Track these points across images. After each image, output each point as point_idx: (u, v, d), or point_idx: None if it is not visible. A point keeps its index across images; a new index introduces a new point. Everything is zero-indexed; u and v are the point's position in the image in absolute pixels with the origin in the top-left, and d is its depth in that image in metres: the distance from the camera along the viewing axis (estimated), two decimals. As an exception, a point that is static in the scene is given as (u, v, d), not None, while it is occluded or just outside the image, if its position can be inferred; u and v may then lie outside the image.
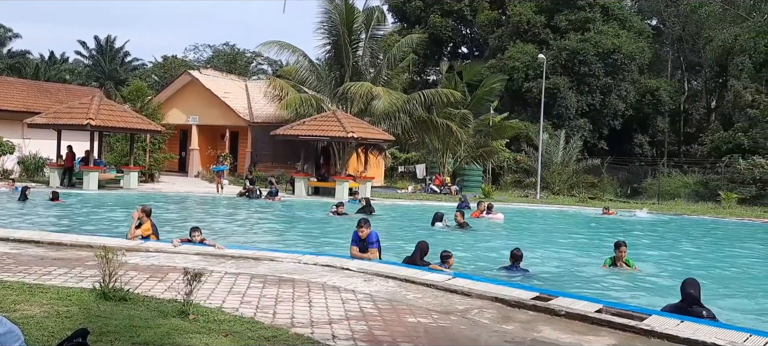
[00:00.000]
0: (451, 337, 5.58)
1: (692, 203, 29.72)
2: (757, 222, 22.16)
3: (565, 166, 36.34)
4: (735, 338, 5.65)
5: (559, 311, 6.52)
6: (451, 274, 8.39)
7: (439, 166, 33.54)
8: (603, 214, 22.62)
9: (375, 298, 6.89)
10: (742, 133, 36.19)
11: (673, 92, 45.31)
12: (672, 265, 11.85)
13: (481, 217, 18.53)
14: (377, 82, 31.17)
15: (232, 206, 20.70)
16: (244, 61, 62.85)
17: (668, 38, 48.22)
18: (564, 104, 39.88)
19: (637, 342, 5.69)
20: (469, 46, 56.00)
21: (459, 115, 32.61)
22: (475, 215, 18.54)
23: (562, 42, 41.85)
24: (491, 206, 19.58)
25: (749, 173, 31.38)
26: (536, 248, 13.06)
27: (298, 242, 13.44)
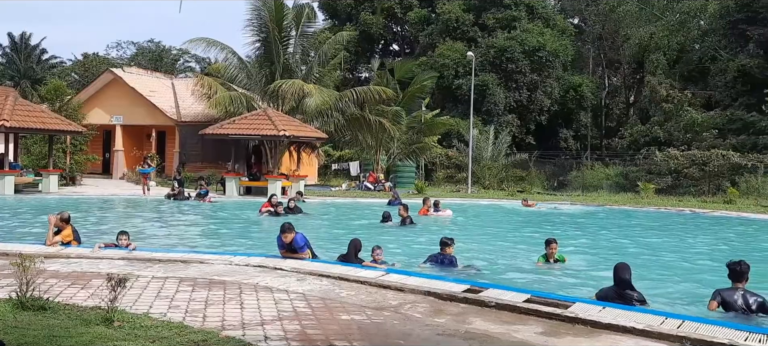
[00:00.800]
0: (385, 333, 5.63)
1: (614, 194, 31.08)
2: (673, 211, 23.41)
3: (495, 160, 37.22)
4: (652, 321, 5.95)
5: (489, 303, 6.68)
6: (385, 270, 8.46)
7: (373, 164, 33.68)
8: (523, 206, 23.30)
9: (308, 297, 6.86)
10: (658, 127, 38.12)
11: (595, 88, 47.24)
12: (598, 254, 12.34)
13: (428, 214, 18.56)
14: (309, 80, 30.96)
15: (159, 208, 20.08)
16: (171, 58, 61.07)
17: (589, 36, 50.20)
18: (493, 100, 40.84)
19: (562, 329, 5.90)
20: (400, 43, 56.46)
21: (391, 112, 32.84)
22: (422, 213, 18.53)
23: (490, 40, 42.85)
24: (438, 202, 19.61)
25: (665, 164, 33.10)
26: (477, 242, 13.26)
27: (229, 243, 13.19)
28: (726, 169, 31.13)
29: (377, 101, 31.55)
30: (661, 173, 33.07)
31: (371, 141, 32.79)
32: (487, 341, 5.45)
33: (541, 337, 5.63)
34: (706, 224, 19.97)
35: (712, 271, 10.55)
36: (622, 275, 7.37)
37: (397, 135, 32.88)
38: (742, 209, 23.58)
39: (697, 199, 28.41)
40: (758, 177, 29.46)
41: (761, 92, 33.77)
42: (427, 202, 19.47)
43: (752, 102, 35.68)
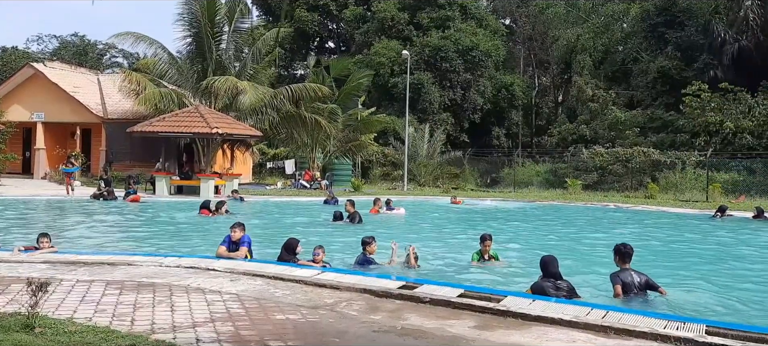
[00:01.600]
0: (320, 331, 5.61)
1: (544, 190, 32.08)
2: (598, 206, 24.37)
3: (430, 158, 37.74)
4: (578, 312, 6.18)
5: (424, 299, 6.77)
6: (320, 269, 8.42)
7: (309, 162, 33.48)
8: (451, 203, 23.66)
9: (242, 297, 6.75)
10: (584, 125, 39.62)
11: (526, 88, 48.61)
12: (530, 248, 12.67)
13: (380, 213, 18.50)
14: (242, 77, 30.41)
15: (85, 209, 19.25)
16: (96, 53, 58.64)
17: (520, 37, 51.63)
18: (428, 99, 41.34)
19: (495, 322, 6.04)
20: (335, 41, 56.32)
21: (327, 109, 32.73)
22: (373, 212, 18.45)
23: (425, 39, 43.36)
24: (389, 200, 19.58)
25: (591, 161, 34.43)
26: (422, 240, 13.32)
27: (160, 244, 12.80)
28: (647, 165, 32.68)
29: (313, 99, 31.35)
30: (587, 169, 34.38)
31: (307, 139, 32.57)
32: (421, 337, 5.52)
33: (474, 331, 5.74)
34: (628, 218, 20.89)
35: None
36: (551, 268, 7.63)
37: (333, 133, 32.78)
38: (662, 204, 24.80)
39: (620, 194, 29.69)
40: (676, 173, 31.07)
41: (679, 92, 35.63)
42: (377, 202, 19.31)
43: (671, 102, 37.60)
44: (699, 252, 13.06)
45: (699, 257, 12.34)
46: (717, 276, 10.17)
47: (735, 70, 36.10)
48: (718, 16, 36.63)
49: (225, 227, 11.12)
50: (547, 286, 7.45)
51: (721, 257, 12.40)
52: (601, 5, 49.43)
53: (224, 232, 10.00)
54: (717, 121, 33.15)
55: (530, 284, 7.69)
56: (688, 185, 29.71)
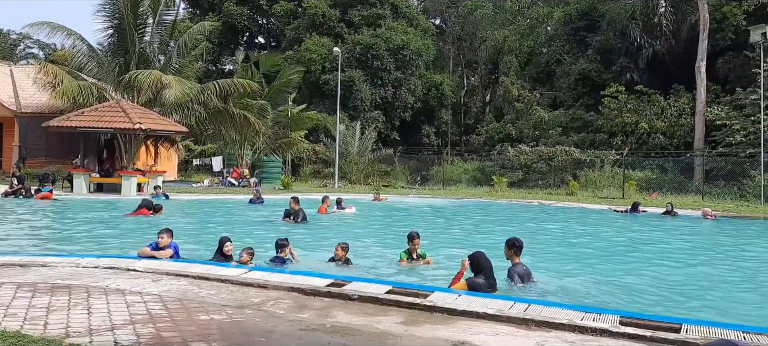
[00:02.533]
0: (246, 331, 5.52)
1: (472, 188, 32.80)
2: (523, 202, 25.15)
3: (361, 156, 37.82)
4: (502, 306, 6.36)
5: (353, 296, 6.78)
6: (248, 268, 8.29)
7: (238, 159, 32.85)
8: (374, 200, 23.77)
9: (164, 298, 6.55)
10: (510, 124, 40.75)
11: (455, 87, 49.49)
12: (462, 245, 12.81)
13: (328, 212, 18.27)
14: (167, 71, 29.47)
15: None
16: (9, 43, 55.45)
17: (450, 37, 52.51)
18: (359, 97, 41.41)
19: (422, 318, 6.13)
20: (266, 36, 55.51)
21: (257, 106, 32.23)
22: (322, 211, 18.18)
23: (356, 37, 43.39)
24: (340, 199, 19.35)
25: (517, 159, 35.48)
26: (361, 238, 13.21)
27: (77, 244, 12.24)
28: (568, 164, 33.99)
29: (242, 94, 30.78)
30: (513, 167, 35.39)
31: (235, 135, 31.94)
32: (349, 334, 5.53)
33: (402, 326, 5.81)
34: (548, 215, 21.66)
35: (555, 258, 11.49)
36: (483, 263, 7.85)
37: (262, 129, 32.30)
38: (582, 200, 25.85)
39: (544, 191, 30.74)
40: (595, 171, 32.47)
41: (598, 94, 37.22)
42: (326, 200, 18.98)
43: (591, 103, 39.21)
44: (612, 245, 13.70)
45: (611, 251, 12.94)
46: (629, 268, 10.70)
47: (649, 73, 38.05)
48: (635, 21, 38.46)
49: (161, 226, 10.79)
50: (479, 283, 7.63)
51: (633, 250, 13.04)
52: (527, 8, 50.97)
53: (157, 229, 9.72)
54: (633, 122, 34.85)
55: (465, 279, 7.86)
56: (606, 182, 31.10)
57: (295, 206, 15.51)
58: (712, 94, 33.48)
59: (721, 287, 9.21)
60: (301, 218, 15.45)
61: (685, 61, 35.48)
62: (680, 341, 5.40)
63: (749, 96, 30.05)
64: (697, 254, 12.64)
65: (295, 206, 15.55)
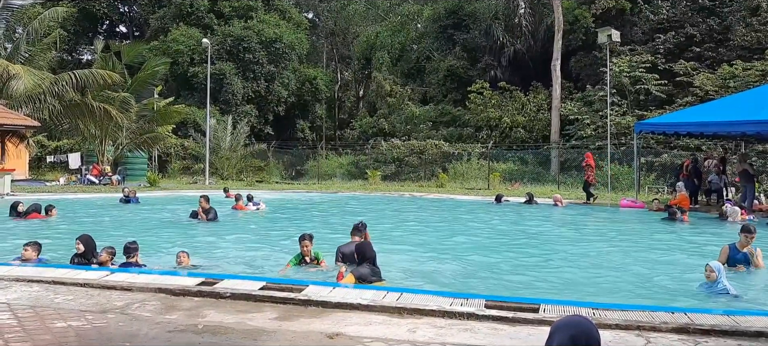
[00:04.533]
0: (107, 336, 5.22)
1: (347, 182, 33.10)
2: (396, 195, 25.78)
3: (234, 151, 36.86)
4: (375, 296, 6.50)
5: (225, 294, 6.62)
6: (110, 270, 7.82)
7: (98, 155, 30.74)
8: (226, 197, 22.61)
9: (14, 306, 6.02)
10: (383, 119, 41.58)
11: (329, 81, 49.62)
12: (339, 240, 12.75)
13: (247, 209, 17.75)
14: (15, 60, 26.93)
15: None
16: None
17: (323, 31, 52.54)
18: (231, 90, 40.29)
19: (296, 312, 6.12)
20: (128, 25, 52.40)
21: (119, 98, 30.33)
22: (239, 208, 17.66)
23: (227, 28, 42.15)
24: (251, 196, 18.78)
25: (390, 153, 36.30)
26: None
27: None
28: (438, 157, 35.32)
29: (102, 86, 28.79)
30: (386, 161, 36.18)
31: (95, 130, 29.88)
32: (220, 333, 5.40)
33: (275, 322, 5.76)
34: (428, 206, 22.41)
35: (433, 247, 11.92)
36: (369, 254, 7.98)
37: (125, 124, 30.43)
38: (451, 192, 26.98)
39: (415, 184, 31.72)
40: (463, 164, 34.00)
41: (465, 90, 38.97)
42: (240, 198, 18.31)
43: (458, 98, 40.96)
44: (482, 233, 14.45)
45: (481, 238, 13.65)
46: (497, 254, 11.36)
47: (511, 70, 40.42)
48: (498, 21, 40.63)
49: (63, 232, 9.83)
50: (365, 273, 7.74)
51: (498, 237, 13.85)
52: (398, 5, 52.17)
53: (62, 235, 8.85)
54: (496, 117, 36.87)
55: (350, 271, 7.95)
56: (473, 173, 32.67)
57: (206, 205, 14.85)
58: (566, 91, 36.21)
59: (576, 268, 10.03)
60: (211, 216, 14.82)
61: (542, 59, 38.08)
62: (538, 319, 5.83)
63: (598, 93, 32.89)
64: (554, 239, 13.66)
65: (205, 204, 14.88)
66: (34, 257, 8.51)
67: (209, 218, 14.81)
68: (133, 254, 8.70)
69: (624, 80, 31.92)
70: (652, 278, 9.19)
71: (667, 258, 10.94)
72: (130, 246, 8.74)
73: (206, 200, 15.19)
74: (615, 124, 30.42)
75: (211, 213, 14.92)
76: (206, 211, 14.88)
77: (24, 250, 8.55)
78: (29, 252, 8.50)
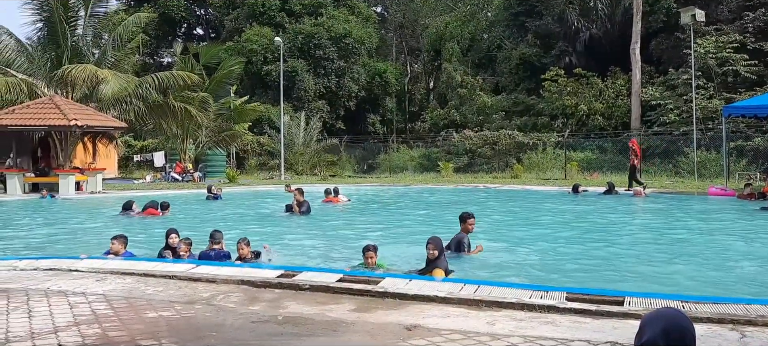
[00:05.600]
0: (195, 326, 5.42)
1: (418, 174, 33.06)
2: (469, 187, 25.53)
3: (307, 146, 37.55)
4: (452, 288, 6.46)
5: (304, 285, 6.75)
6: (195, 262, 8.14)
7: (180, 153, 32.07)
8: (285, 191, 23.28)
9: (109, 298, 6.36)
10: (455, 110, 41.22)
11: (399, 75, 49.65)
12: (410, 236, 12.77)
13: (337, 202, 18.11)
14: (103, 65, 28.42)
15: None
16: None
17: (392, 25, 52.58)
18: (303, 87, 41.04)
19: (374, 304, 6.16)
20: (204, 27, 54.27)
21: (198, 98, 31.50)
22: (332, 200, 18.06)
23: (298, 26, 42.91)
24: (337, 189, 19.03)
25: (462, 144, 35.98)
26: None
27: (16, 247, 11.70)
28: (512, 147, 34.70)
29: (182, 87, 30.01)
30: (458, 152, 35.88)
31: (177, 129, 31.17)
32: (301, 324, 5.51)
33: (354, 313, 5.82)
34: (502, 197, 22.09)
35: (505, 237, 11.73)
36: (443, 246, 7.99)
37: (204, 122, 31.62)
38: (526, 183, 26.46)
39: (489, 175, 31.30)
40: (538, 154, 33.26)
41: (539, 78, 38.03)
42: (330, 192, 18.57)
43: (532, 86, 40.03)
44: (559, 224, 14.09)
45: (559, 229, 13.30)
46: (576, 246, 11.04)
47: (587, 56, 39.10)
48: (572, 5, 39.36)
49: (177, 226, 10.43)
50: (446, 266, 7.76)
51: (577, 228, 13.45)
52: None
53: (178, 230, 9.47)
54: (572, 104, 35.80)
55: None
56: (548, 164, 31.90)
57: (300, 197, 14.96)
58: (646, 76, 34.71)
59: (662, 259, 9.61)
60: (304, 210, 14.89)
61: (620, 43, 36.63)
62: (623, 312, 5.61)
63: (681, 76, 31.34)
64: (637, 230, 13.14)
65: (300, 196, 14.98)
66: (122, 250, 8.97)
67: (302, 211, 14.87)
68: (219, 241, 9.07)
69: (710, 62, 30.26)
70: (746, 269, 8.68)
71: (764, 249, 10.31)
72: (215, 233, 9.15)
73: (300, 193, 15.27)
74: (701, 108, 28.95)
75: (304, 206, 14.97)
76: (300, 203, 14.94)
77: (112, 243, 9.02)
78: (117, 245, 8.96)
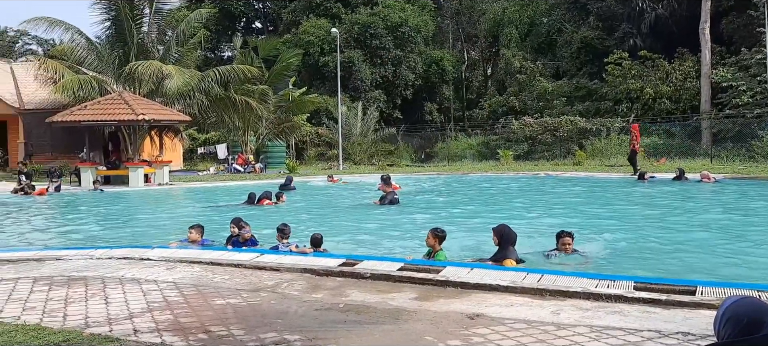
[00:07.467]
0: (261, 313, 5.56)
1: (477, 162, 32.74)
2: (529, 175, 25.10)
3: (364, 136, 37.76)
4: (515, 277, 6.38)
5: (365, 274, 6.81)
6: (260, 251, 8.33)
7: (241, 145, 32.84)
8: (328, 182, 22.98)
9: (179, 285, 6.60)
10: (513, 97, 40.55)
11: (455, 62, 49.16)
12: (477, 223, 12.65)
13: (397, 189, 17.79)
14: (167, 61, 29.35)
15: (5, 205, 18.21)
16: (8, 40, 55.35)
17: (448, 12, 52.05)
18: (359, 77, 41.23)
19: (435, 293, 6.15)
20: (262, 20, 55.21)
21: (258, 91, 32.13)
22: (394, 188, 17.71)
23: (354, 16, 43.09)
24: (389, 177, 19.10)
25: (521, 131, 35.37)
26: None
27: (90, 236, 12.31)
28: (574, 133, 33.87)
29: (242, 80, 30.69)
30: (518, 140, 35.31)
31: (238, 122, 31.92)
32: (363, 312, 5.56)
33: (415, 302, 5.83)
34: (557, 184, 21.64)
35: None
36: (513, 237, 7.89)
37: (264, 115, 32.25)
38: (590, 170, 25.79)
39: (550, 162, 30.67)
40: (601, 140, 32.34)
41: (602, 61, 36.94)
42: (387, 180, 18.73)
43: (594, 71, 38.95)
44: (623, 213, 13.70)
45: (625, 217, 12.94)
46: (643, 234, 10.70)
47: (653, 37, 37.70)
48: (636, -15, 38.05)
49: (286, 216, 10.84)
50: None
51: (647, 215, 13.03)
52: (526, -22, 50.41)
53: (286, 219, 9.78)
54: (637, 88, 34.61)
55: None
56: (613, 150, 30.98)
57: (386, 188, 15.01)
58: (717, 56, 33.20)
59: (734, 248, 9.20)
60: (389, 201, 14.84)
61: (688, 23, 35.14)
62: (695, 302, 5.41)
63: (755, 56, 29.80)
64: (707, 217, 12.62)
65: (386, 187, 15.01)
66: (199, 238, 9.28)
67: (389, 201, 14.79)
68: (287, 234, 9.26)
69: (786, 40, 28.65)
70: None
71: None
72: (280, 228, 9.32)
73: (386, 183, 15.22)
74: (776, 89, 27.48)
75: (389, 196, 14.87)
76: (386, 194, 14.91)
77: (189, 232, 9.34)
78: (194, 234, 9.28)
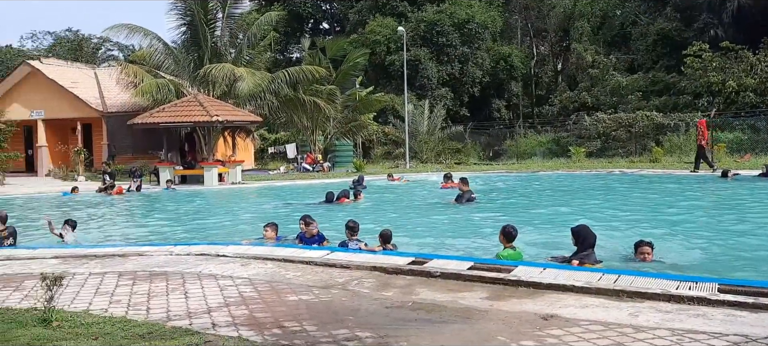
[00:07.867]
0: (333, 310, 5.64)
1: (547, 160, 32.01)
2: (603, 172, 24.32)
3: (431, 134, 37.63)
4: (590, 278, 6.20)
5: (435, 273, 6.79)
6: (329, 249, 8.45)
7: (310, 144, 33.42)
8: (389, 180, 22.62)
9: (254, 281, 6.79)
10: (585, 92, 39.41)
11: (524, 58, 48.27)
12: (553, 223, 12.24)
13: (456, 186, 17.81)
14: (239, 63, 30.27)
15: (91, 203, 19.27)
16: (91, 47, 58.43)
17: (516, 7, 51.13)
18: (426, 75, 41.15)
19: (507, 292, 6.06)
20: (330, 21, 55.95)
21: (326, 91, 32.60)
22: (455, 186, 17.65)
23: (420, 14, 43.04)
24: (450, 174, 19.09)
25: (594, 128, 34.32)
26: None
27: (169, 233, 12.84)
28: (650, 129, 32.57)
29: (310, 81, 31.24)
30: (590, 136, 34.28)
31: (307, 122, 32.51)
32: (434, 310, 5.54)
33: (487, 302, 5.77)
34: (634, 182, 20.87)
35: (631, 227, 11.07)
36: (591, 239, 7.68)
37: (332, 114, 32.71)
38: (667, 167, 24.74)
39: (625, 159, 29.63)
40: (680, 136, 30.96)
41: (680, 54, 35.33)
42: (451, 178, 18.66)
43: (672, 63, 37.34)
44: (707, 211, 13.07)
45: (707, 216, 12.34)
46: (727, 233, 10.18)
47: (735, 28, 35.77)
48: (716, -26, 36.22)
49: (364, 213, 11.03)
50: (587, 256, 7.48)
51: (728, 216, 12.39)
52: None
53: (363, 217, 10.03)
54: (719, 81, 32.91)
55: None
56: (692, 146, 29.56)
57: (464, 187, 15.10)
58: (805, 46, 31.17)
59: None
60: (465, 200, 14.88)
61: (774, 12, 33.17)
62: (787, 307, 5.10)
63: None
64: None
65: (464, 186, 15.11)
66: (273, 236, 9.53)
67: (466, 200, 14.81)
68: (356, 231, 9.35)
69: None
70: None
71: None
72: (349, 225, 9.41)
73: (464, 183, 15.24)
74: None
75: (466, 196, 14.87)
76: (463, 193, 14.88)
77: (265, 230, 9.59)
78: (269, 232, 9.54)
